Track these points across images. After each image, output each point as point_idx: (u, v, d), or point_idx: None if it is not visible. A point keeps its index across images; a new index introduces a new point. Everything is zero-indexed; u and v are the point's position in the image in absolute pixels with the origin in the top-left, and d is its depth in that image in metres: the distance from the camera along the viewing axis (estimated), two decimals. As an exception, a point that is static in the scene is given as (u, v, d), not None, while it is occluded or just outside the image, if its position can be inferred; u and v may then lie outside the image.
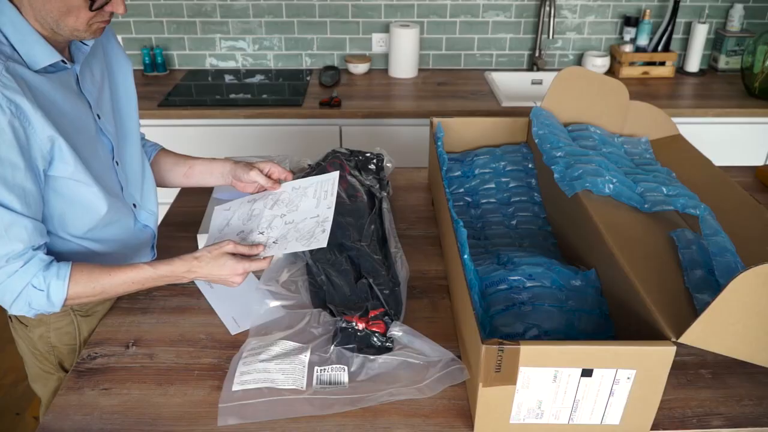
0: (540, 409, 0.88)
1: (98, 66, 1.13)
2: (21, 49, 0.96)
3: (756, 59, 2.36)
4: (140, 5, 2.55)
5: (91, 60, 1.11)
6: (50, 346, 1.19)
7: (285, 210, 1.22)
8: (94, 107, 1.09)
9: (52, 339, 1.18)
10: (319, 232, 1.12)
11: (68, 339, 1.18)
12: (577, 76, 1.50)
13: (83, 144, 1.04)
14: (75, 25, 0.97)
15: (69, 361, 1.21)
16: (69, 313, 1.16)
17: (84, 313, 1.18)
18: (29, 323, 1.17)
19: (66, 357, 1.21)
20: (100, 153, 1.10)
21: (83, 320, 1.18)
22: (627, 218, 1.15)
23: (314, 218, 1.16)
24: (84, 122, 1.06)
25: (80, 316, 1.18)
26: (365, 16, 2.61)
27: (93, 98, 1.09)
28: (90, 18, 0.97)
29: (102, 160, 1.10)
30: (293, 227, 1.15)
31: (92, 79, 1.11)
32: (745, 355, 0.87)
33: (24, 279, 0.97)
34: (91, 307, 1.19)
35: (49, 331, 1.17)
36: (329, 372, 0.99)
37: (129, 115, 1.21)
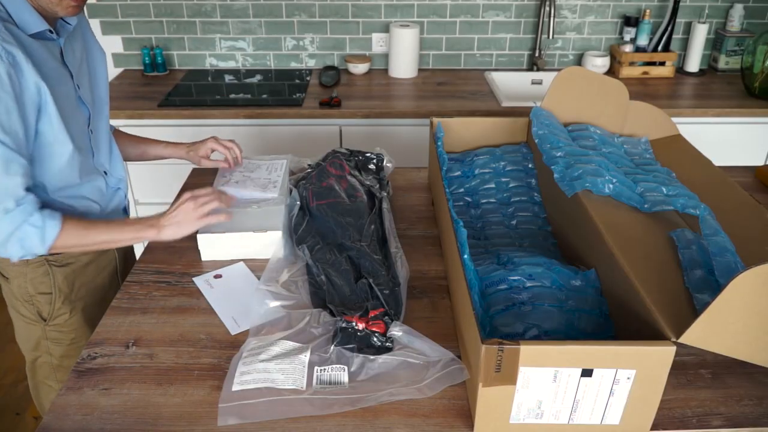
0: (540, 409, 0.88)
1: (78, 46, 1.26)
2: (15, 15, 1.08)
3: (756, 59, 2.36)
4: (140, 5, 2.55)
5: (72, 40, 1.24)
6: (28, 296, 1.30)
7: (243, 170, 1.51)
8: (75, 77, 1.22)
9: (29, 288, 1.29)
10: (271, 187, 1.43)
11: (44, 287, 1.30)
12: (577, 76, 1.50)
13: (65, 106, 1.16)
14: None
15: (46, 310, 1.32)
16: (44, 263, 1.27)
17: (58, 263, 1.29)
18: (9, 274, 1.29)
19: (43, 306, 1.32)
20: (79, 119, 1.23)
21: (58, 270, 1.30)
22: (627, 218, 1.15)
23: (266, 179, 1.47)
24: (66, 88, 1.18)
25: (55, 266, 1.29)
26: (365, 16, 2.61)
27: (74, 70, 1.22)
28: None
29: (80, 124, 1.23)
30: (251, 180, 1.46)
31: (73, 54, 1.23)
32: (745, 355, 0.87)
33: (19, 218, 1.08)
34: (65, 257, 1.30)
35: (26, 282, 1.28)
36: (329, 372, 0.99)
37: (102, 96, 1.35)
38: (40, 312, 1.32)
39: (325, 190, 1.37)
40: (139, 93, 2.40)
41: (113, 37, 2.61)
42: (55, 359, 1.38)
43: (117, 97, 2.36)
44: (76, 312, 1.35)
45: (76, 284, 1.34)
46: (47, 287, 1.30)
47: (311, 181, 1.42)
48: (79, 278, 1.34)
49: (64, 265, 1.31)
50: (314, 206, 1.34)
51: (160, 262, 1.29)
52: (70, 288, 1.33)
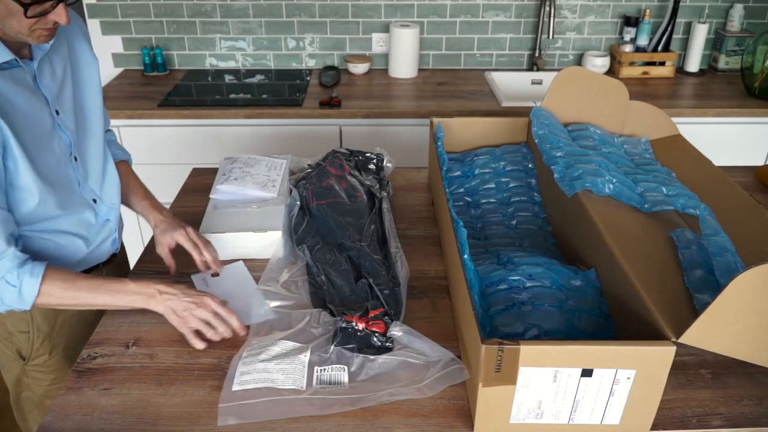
0: (540, 409, 0.88)
1: (60, 63, 1.15)
2: None
3: (756, 59, 2.36)
4: (140, 5, 2.55)
5: (53, 56, 1.14)
6: (7, 333, 1.22)
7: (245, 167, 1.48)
8: (52, 103, 1.12)
9: (8, 325, 1.21)
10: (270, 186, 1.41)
11: (23, 326, 1.21)
12: (577, 76, 1.50)
13: (34, 138, 1.07)
14: (18, 29, 1.00)
15: (25, 349, 1.24)
16: None
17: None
18: None
19: (23, 345, 1.23)
20: (56, 148, 1.12)
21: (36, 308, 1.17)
22: (627, 218, 1.15)
23: (266, 176, 1.45)
24: (38, 117, 1.08)
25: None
26: (365, 16, 2.61)
27: (51, 94, 1.12)
28: (31, 24, 1.00)
29: (57, 154, 1.13)
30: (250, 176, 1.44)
31: (52, 75, 1.13)
32: (745, 355, 0.87)
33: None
34: None
35: (4, 318, 1.20)
36: (329, 372, 0.99)
37: (92, 111, 1.23)
38: (19, 350, 1.24)
39: (325, 190, 1.37)
40: (139, 93, 2.40)
41: (113, 37, 2.60)
42: (37, 397, 1.30)
43: (117, 97, 2.36)
44: (57, 352, 1.26)
45: (57, 322, 1.24)
46: (26, 326, 1.21)
47: (311, 181, 1.42)
48: (60, 315, 1.24)
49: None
50: (314, 206, 1.34)
51: (160, 262, 1.29)
52: (50, 327, 1.23)
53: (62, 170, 1.14)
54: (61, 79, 1.15)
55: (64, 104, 1.15)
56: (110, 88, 2.46)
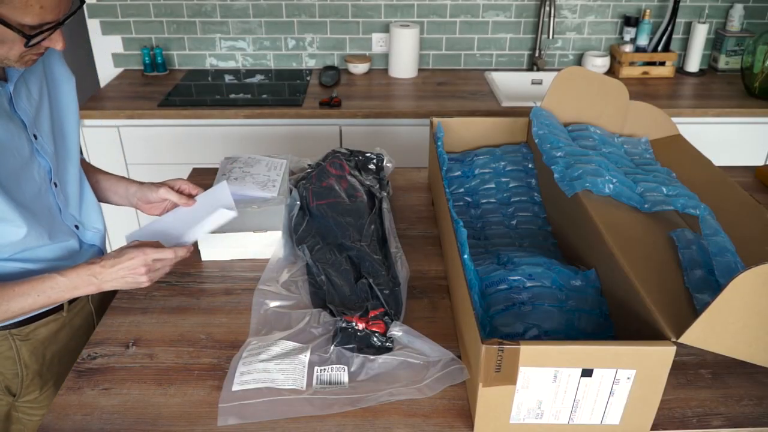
0: (540, 409, 0.88)
1: (36, 83, 1.08)
2: None
3: (756, 59, 2.36)
4: (140, 5, 2.55)
5: (29, 77, 1.06)
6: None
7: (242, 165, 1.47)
8: (30, 127, 1.05)
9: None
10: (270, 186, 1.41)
11: (10, 363, 1.14)
12: (577, 76, 1.50)
13: (11, 169, 1.00)
14: (6, 55, 0.93)
15: (14, 385, 1.17)
16: (7, 337, 1.12)
17: (23, 337, 1.14)
18: None
19: (11, 381, 1.16)
20: (35, 175, 1.06)
21: (22, 344, 1.14)
22: (627, 218, 1.15)
23: (266, 176, 1.46)
24: (15, 144, 1.01)
25: (19, 340, 1.14)
26: (365, 16, 2.61)
27: (29, 117, 1.05)
28: (24, 51, 0.94)
29: (37, 182, 1.06)
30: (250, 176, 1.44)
31: (29, 97, 1.06)
32: (745, 355, 0.87)
33: None
34: (31, 330, 1.14)
35: None
36: (329, 372, 0.99)
37: (71, 132, 1.16)
38: (8, 387, 1.16)
39: (325, 190, 1.37)
40: (139, 93, 2.40)
41: (113, 37, 2.61)
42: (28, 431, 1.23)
43: (117, 97, 2.36)
44: (48, 387, 1.19)
45: (46, 357, 1.18)
46: (13, 363, 1.14)
47: (311, 181, 1.42)
48: (49, 349, 1.18)
49: (29, 339, 1.14)
50: (314, 206, 1.34)
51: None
52: (39, 363, 1.17)
53: (43, 199, 1.08)
54: (38, 101, 1.08)
55: (42, 127, 1.08)
56: (110, 88, 2.46)
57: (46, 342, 1.17)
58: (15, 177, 1.01)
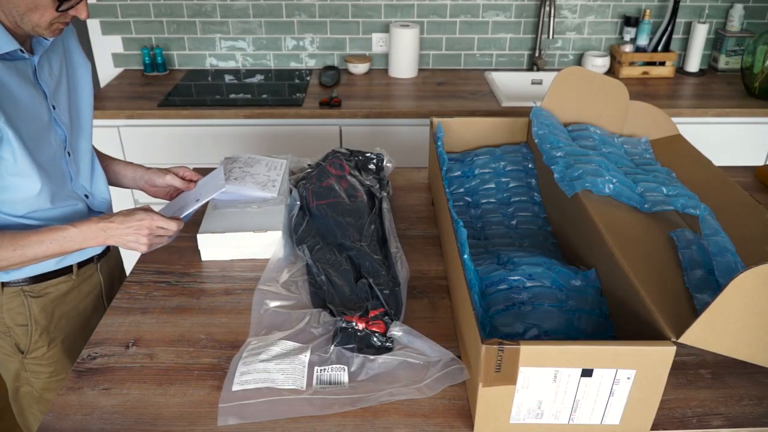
0: (540, 409, 0.88)
1: (57, 61, 1.19)
2: None
3: (756, 59, 2.36)
4: (140, 5, 2.55)
5: (51, 54, 1.17)
6: (5, 327, 1.24)
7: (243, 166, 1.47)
8: (50, 98, 1.15)
9: (6, 320, 1.23)
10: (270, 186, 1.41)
11: (21, 319, 1.23)
12: (577, 76, 1.50)
13: (33, 131, 1.10)
14: (38, 22, 1.04)
15: (24, 342, 1.25)
16: (19, 293, 1.21)
17: (34, 294, 1.23)
18: None
19: (21, 338, 1.25)
20: (53, 142, 1.16)
21: (34, 301, 1.23)
22: (627, 218, 1.15)
23: (266, 176, 1.46)
24: (37, 111, 1.11)
25: (31, 296, 1.22)
26: (365, 16, 2.61)
27: (49, 89, 1.15)
28: (54, 18, 1.04)
29: (54, 148, 1.16)
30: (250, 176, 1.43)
31: (50, 72, 1.16)
32: (745, 355, 0.87)
33: None
34: (42, 288, 1.23)
35: (2, 312, 1.22)
36: (329, 372, 0.99)
37: (85, 111, 1.26)
38: (17, 344, 1.26)
39: (325, 190, 1.37)
40: (139, 93, 2.40)
41: (113, 37, 2.61)
42: (36, 391, 1.31)
43: (117, 97, 2.36)
44: (55, 344, 1.28)
45: (55, 315, 1.26)
46: (24, 319, 1.23)
47: (311, 181, 1.42)
48: (58, 308, 1.27)
49: (41, 296, 1.23)
50: (314, 206, 1.34)
51: (160, 262, 1.29)
52: (48, 320, 1.25)
53: (57, 164, 1.17)
54: (58, 77, 1.18)
55: (60, 101, 1.18)
56: (110, 88, 2.46)
57: (56, 301, 1.26)
58: (35, 139, 1.11)
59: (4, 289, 1.20)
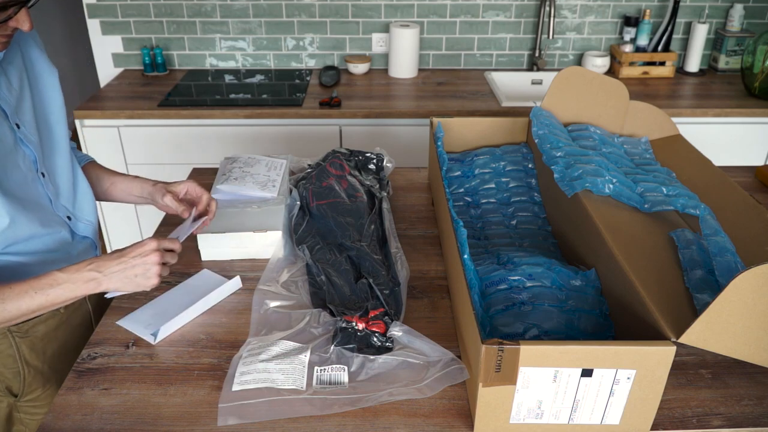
0: (540, 409, 0.88)
1: (16, 73, 1.07)
2: None
3: (756, 59, 2.36)
4: (140, 5, 2.55)
5: (7, 67, 1.06)
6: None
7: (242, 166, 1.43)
8: (11, 116, 1.04)
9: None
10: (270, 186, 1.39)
11: (10, 362, 1.13)
12: (577, 76, 1.50)
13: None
14: None
15: (16, 384, 1.15)
16: (6, 335, 1.11)
17: (21, 334, 1.13)
18: None
19: (12, 381, 1.15)
20: (21, 165, 1.04)
21: (22, 341, 1.13)
22: (627, 218, 1.15)
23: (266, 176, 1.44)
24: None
25: (18, 337, 1.12)
26: (365, 16, 2.61)
27: (9, 107, 1.04)
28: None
29: (23, 171, 1.04)
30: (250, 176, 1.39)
31: (9, 87, 1.05)
32: (745, 355, 0.87)
33: None
34: (30, 326, 1.13)
35: None
36: (329, 372, 0.99)
37: (56, 124, 1.14)
38: (9, 388, 1.15)
39: (325, 190, 1.37)
40: (139, 93, 2.40)
41: (113, 37, 2.61)
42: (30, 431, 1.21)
43: (117, 97, 2.36)
44: (50, 385, 1.18)
45: (47, 354, 1.17)
46: (13, 362, 1.12)
47: (311, 181, 1.42)
48: (49, 346, 1.17)
49: (29, 335, 1.13)
50: (314, 206, 1.34)
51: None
52: (40, 360, 1.16)
53: (31, 188, 1.06)
54: (19, 91, 1.07)
55: (24, 117, 1.07)
56: (110, 88, 2.46)
57: (46, 339, 1.16)
58: (3, 164, 0.99)
59: None
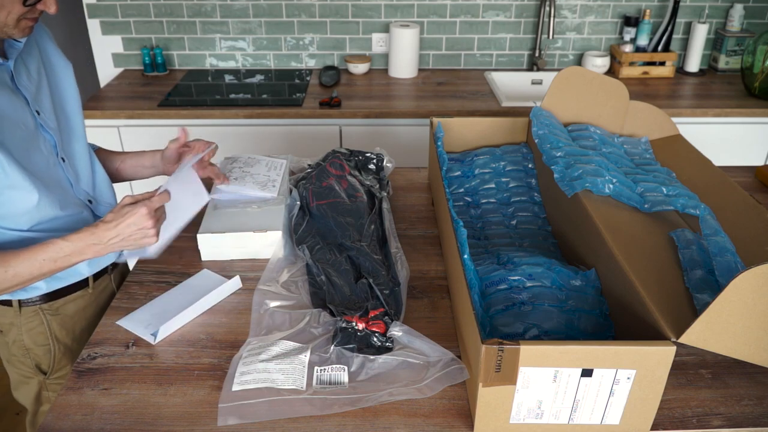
0: (540, 409, 0.88)
1: (34, 63, 1.14)
2: None
3: (756, 59, 2.36)
4: (140, 5, 2.55)
5: (26, 57, 1.12)
6: (25, 350, 1.21)
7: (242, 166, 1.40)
8: (32, 103, 1.10)
9: (26, 341, 1.20)
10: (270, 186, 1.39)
11: (42, 339, 1.20)
12: (577, 76, 1.50)
13: (19, 140, 1.05)
14: (5, 21, 1.00)
15: (45, 362, 1.22)
16: (38, 312, 1.18)
17: (52, 312, 1.20)
18: (3, 328, 1.19)
19: (42, 358, 1.21)
20: (42, 148, 1.11)
21: (53, 319, 1.20)
22: (627, 218, 1.15)
23: (266, 176, 1.44)
24: (20, 117, 1.06)
25: (49, 314, 1.19)
26: (365, 16, 2.61)
27: (30, 94, 1.10)
28: (21, 13, 1.00)
29: (45, 154, 1.11)
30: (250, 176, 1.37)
31: (28, 76, 1.11)
32: (745, 355, 0.87)
33: None
34: (60, 305, 1.20)
35: (21, 334, 1.19)
36: (329, 372, 0.99)
37: (73, 113, 1.21)
38: (38, 365, 1.22)
39: (325, 190, 1.37)
40: (139, 93, 2.40)
41: (113, 37, 2.61)
42: None
43: (117, 97, 2.36)
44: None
45: (76, 331, 1.24)
46: (44, 339, 1.20)
47: (311, 181, 1.42)
48: (78, 324, 1.24)
49: (59, 313, 1.20)
50: (314, 206, 1.34)
51: (160, 262, 1.29)
52: (70, 337, 1.23)
53: (52, 171, 1.12)
54: (37, 80, 1.13)
55: (43, 104, 1.13)
56: (110, 88, 2.46)
57: (75, 317, 1.23)
58: (24, 148, 1.06)
59: (21, 309, 1.17)
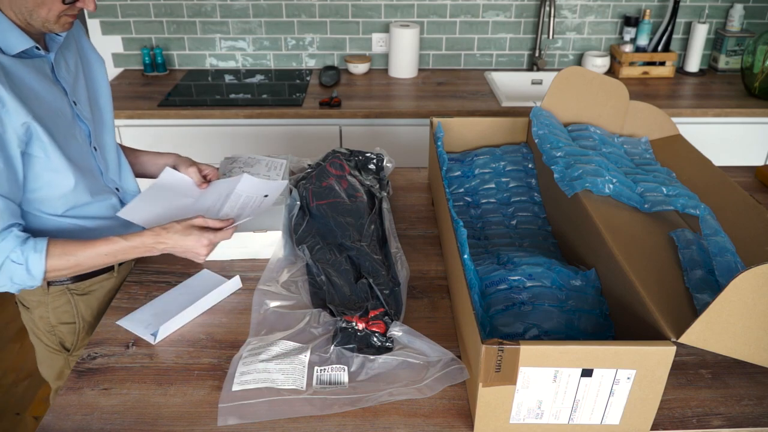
0: (540, 409, 0.88)
1: (72, 57, 1.20)
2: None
3: (756, 59, 2.36)
4: (140, 5, 2.55)
5: (65, 51, 1.18)
6: (50, 326, 1.26)
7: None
8: (70, 94, 1.16)
9: (51, 319, 1.25)
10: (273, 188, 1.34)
11: (67, 317, 1.25)
12: (577, 76, 1.50)
13: (60, 128, 1.11)
14: (47, 17, 1.05)
15: (70, 340, 1.27)
16: (65, 292, 1.23)
17: (80, 292, 1.25)
18: (30, 305, 1.24)
19: (66, 336, 1.27)
20: (78, 137, 1.17)
21: (80, 299, 1.24)
22: (627, 218, 1.15)
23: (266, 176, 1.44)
24: (60, 107, 1.12)
25: (77, 294, 1.24)
26: (365, 16, 2.61)
27: (68, 85, 1.16)
28: (61, 11, 1.06)
29: (80, 143, 1.17)
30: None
31: (67, 68, 1.17)
32: (745, 355, 0.87)
33: (1, 255, 1.02)
34: (87, 286, 1.25)
35: (47, 311, 1.24)
36: (329, 372, 0.99)
37: (105, 106, 1.28)
38: (62, 342, 1.28)
39: (325, 190, 1.37)
40: (139, 93, 2.40)
41: (113, 37, 2.61)
42: None
43: (117, 97, 2.35)
44: None
45: (100, 312, 1.28)
46: (70, 317, 1.25)
47: (311, 181, 1.42)
48: (103, 305, 1.28)
49: (86, 293, 1.26)
50: (314, 206, 1.34)
51: (160, 262, 1.29)
52: (94, 317, 1.28)
53: (86, 159, 1.19)
54: (75, 73, 1.19)
55: (80, 96, 1.19)
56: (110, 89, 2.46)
57: (102, 299, 1.28)
58: (63, 134, 1.12)
59: (49, 288, 1.22)
